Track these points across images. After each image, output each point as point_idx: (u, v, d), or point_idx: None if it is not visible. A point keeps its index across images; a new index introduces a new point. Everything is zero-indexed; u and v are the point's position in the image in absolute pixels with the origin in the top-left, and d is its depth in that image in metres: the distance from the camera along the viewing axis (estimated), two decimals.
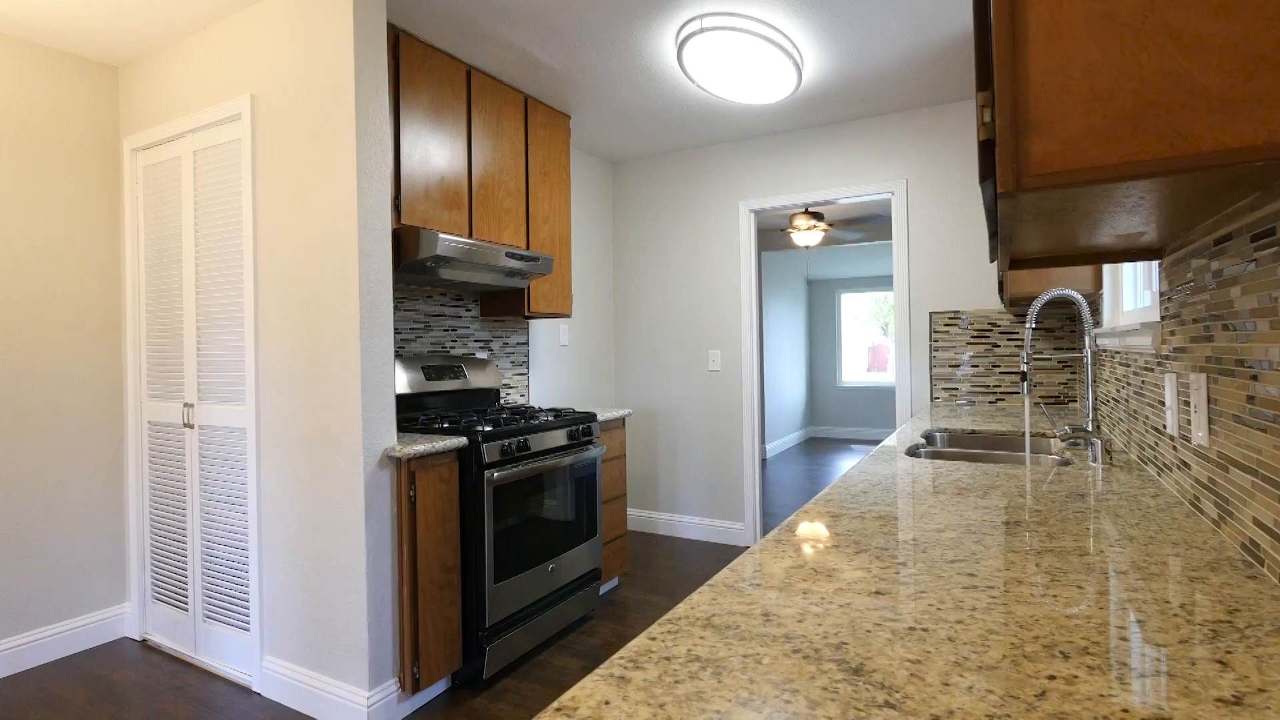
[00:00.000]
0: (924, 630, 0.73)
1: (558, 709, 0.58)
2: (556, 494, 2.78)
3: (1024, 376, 1.93)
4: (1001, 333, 3.43)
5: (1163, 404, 1.45)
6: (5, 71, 2.63)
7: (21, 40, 2.67)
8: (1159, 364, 1.48)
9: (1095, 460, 1.70)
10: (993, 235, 1.20)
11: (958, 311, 3.54)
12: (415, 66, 2.62)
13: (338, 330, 2.20)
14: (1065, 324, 3.30)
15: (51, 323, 2.74)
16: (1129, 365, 1.83)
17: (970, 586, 0.86)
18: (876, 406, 9.01)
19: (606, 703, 0.59)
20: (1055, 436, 2.08)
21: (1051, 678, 0.62)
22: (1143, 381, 1.66)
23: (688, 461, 4.33)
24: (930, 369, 3.60)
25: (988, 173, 0.78)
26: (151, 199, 2.83)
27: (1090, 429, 1.89)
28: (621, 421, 3.37)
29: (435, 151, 2.70)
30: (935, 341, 3.59)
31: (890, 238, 6.82)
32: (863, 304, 9.30)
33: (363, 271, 2.16)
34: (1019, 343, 3.39)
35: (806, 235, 5.47)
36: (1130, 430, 1.82)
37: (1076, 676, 0.63)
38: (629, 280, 4.56)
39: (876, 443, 8.70)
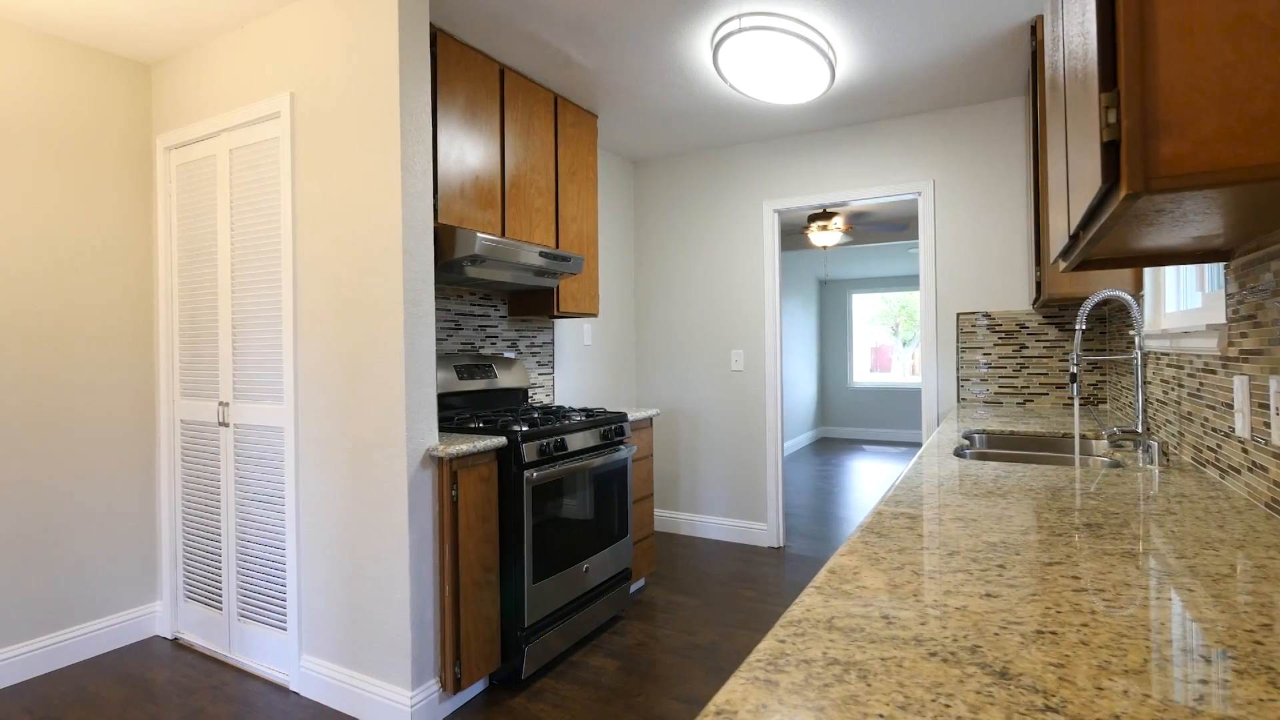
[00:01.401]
0: (1052, 633, 0.73)
1: (718, 713, 0.58)
2: (590, 494, 2.78)
3: (1074, 378, 1.92)
4: (1030, 334, 3.43)
5: (1229, 406, 1.44)
6: (41, 68, 2.62)
7: (57, 38, 2.67)
8: (1223, 366, 1.48)
9: (1152, 462, 1.69)
10: (1072, 237, 1.19)
11: (985, 312, 3.53)
12: (452, 65, 2.62)
13: (380, 329, 2.20)
14: (1094, 325, 3.30)
15: (83, 320, 2.74)
16: (1182, 367, 1.82)
17: (1079, 589, 0.86)
18: (888, 407, 9.01)
19: (764, 706, 0.59)
20: (1103, 438, 2.08)
21: (1204, 681, 0.62)
22: (1200, 384, 1.65)
23: (709, 462, 4.33)
24: (957, 370, 3.59)
25: (1110, 174, 0.78)
26: (185, 197, 2.83)
27: (1141, 431, 1.88)
28: (649, 422, 3.37)
29: (470, 151, 2.70)
30: (963, 342, 3.58)
31: (908, 238, 6.81)
32: (870, 305, 9.30)
33: (406, 270, 2.16)
34: (1047, 344, 3.39)
35: (824, 235, 5.46)
36: (1183, 432, 1.81)
37: (1228, 680, 0.62)
38: (650, 280, 4.56)
39: (889, 444, 8.70)
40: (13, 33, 2.54)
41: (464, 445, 2.22)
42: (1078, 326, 1.89)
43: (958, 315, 3.60)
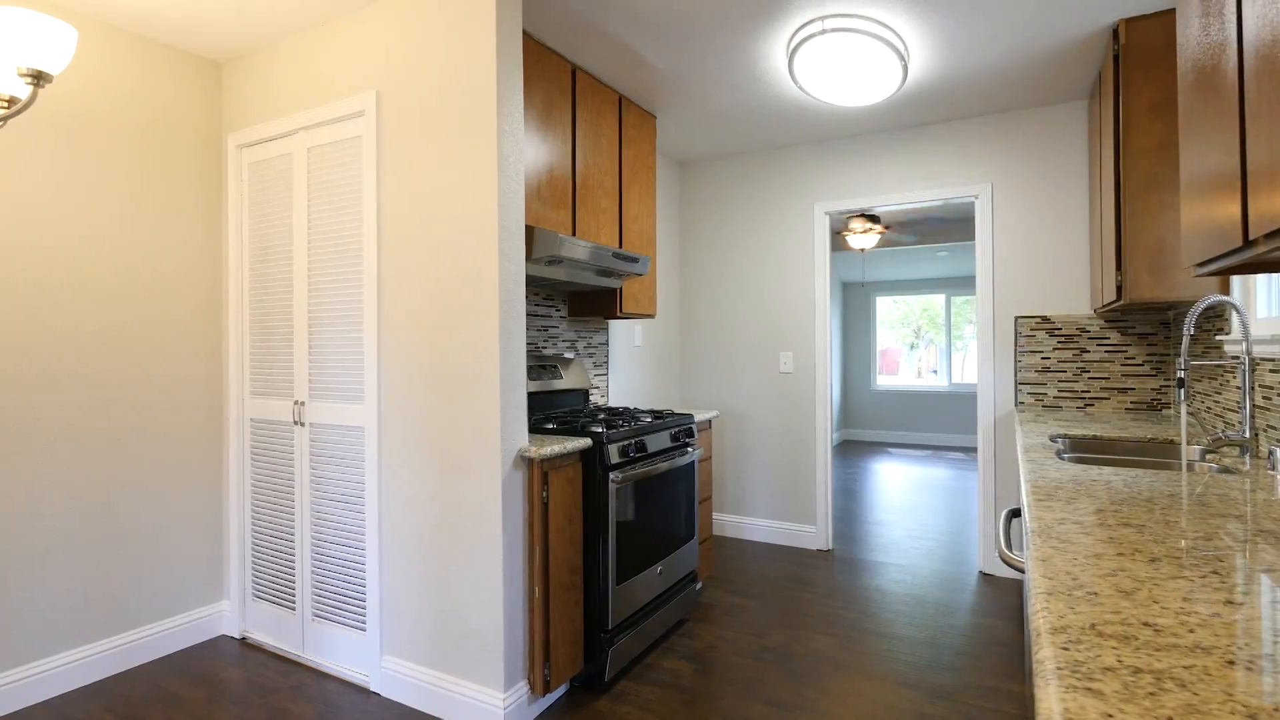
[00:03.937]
0: None
1: None
2: (664, 496, 2.77)
3: (1181, 383, 1.91)
4: (1090, 338, 3.42)
5: None
6: (116, 66, 2.62)
7: (133, 34, 2.66)
8: None
9: (1273, 468, 1.68)
10: (1249, 241, 1.18)
11: (1044, 316, 3.52)
12: (531, 65, 2.61)
13: (474, 330, 2.19)
14: (1159, 330, 3.29)
15: (152, 319, 2.73)
16: None
17: None
18: (910, 410, 8.99)
19: (1109, 716, 0.58)
20: (1207, 443, 2.07)
21: None
22: None
23: (756, 463, 4.32)
24: (1015, 374, 3.58)
25: None
26: (257, 196, 2.83)
27: (1250, 436, 1.87)
28: (709, 423, 3.36)
29: (546, 151, 2.69)
30: (1020, 346, 3.57)
31: (940, 240, 6.80)
32: (889, 308, 9.29)
33: (502, 271, 2.15)
34: (1109, 348, 3.38)
35: (863, 238, 5.46)
36: None
37: None
38: (696, 282, 4.56)
39: (914, 447, 8.68)
40: (95, 30, 2.54)
41: (555, 447, 2.22)
42: (1186, 332, 1.88)
43: (1015, 319, 3.59)
